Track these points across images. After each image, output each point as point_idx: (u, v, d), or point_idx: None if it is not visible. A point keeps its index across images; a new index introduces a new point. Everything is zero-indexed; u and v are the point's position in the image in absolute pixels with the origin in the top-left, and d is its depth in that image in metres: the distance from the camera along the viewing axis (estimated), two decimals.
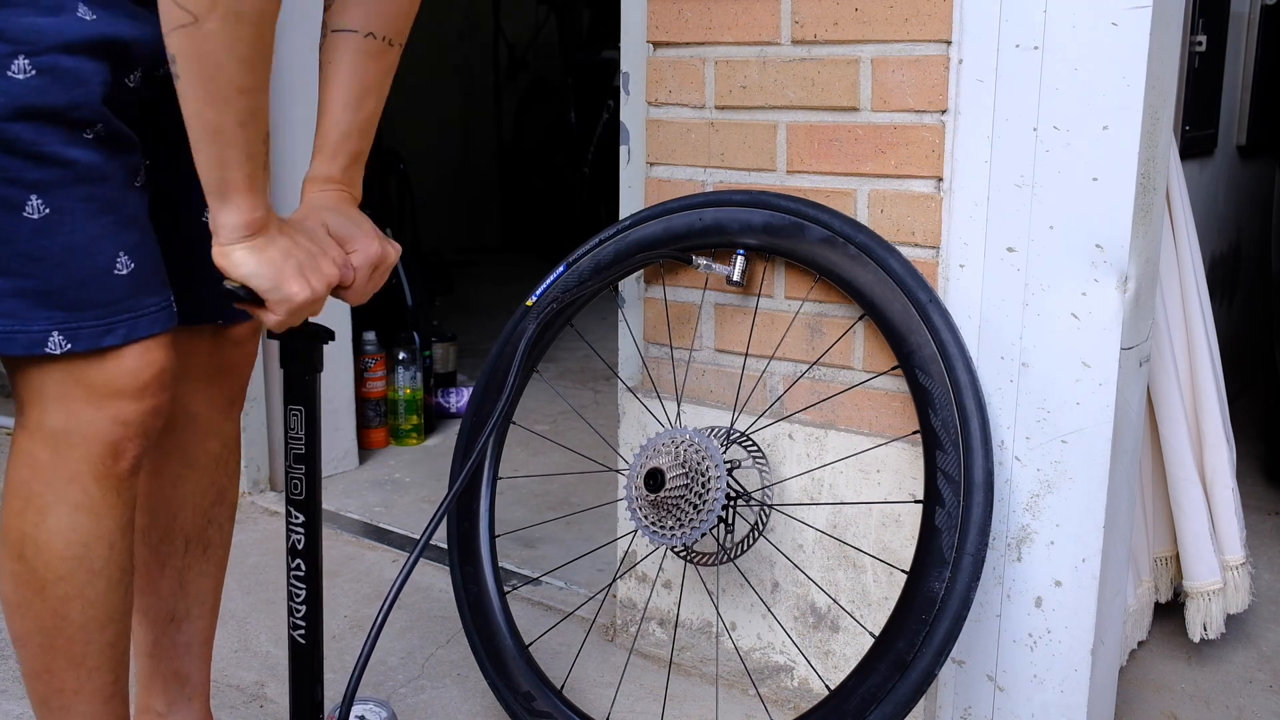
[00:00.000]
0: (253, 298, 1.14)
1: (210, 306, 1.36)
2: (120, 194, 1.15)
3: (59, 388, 1.16)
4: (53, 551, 1.19)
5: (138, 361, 1.18)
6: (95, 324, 1.14)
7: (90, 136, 1.12)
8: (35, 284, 1.11)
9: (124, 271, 1.15)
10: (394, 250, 1.28)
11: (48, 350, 1.12)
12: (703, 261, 1.72)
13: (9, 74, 1.07)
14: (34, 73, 1.07)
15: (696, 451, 1.57)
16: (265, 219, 1.13)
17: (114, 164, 1.14)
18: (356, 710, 1.59)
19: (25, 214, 1.09)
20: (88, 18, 1.10)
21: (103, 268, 1.14)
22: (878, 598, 1.69)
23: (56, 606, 1.20)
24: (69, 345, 1.13)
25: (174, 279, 1.25)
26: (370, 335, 2.94)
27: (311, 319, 1.32)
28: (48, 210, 1.10)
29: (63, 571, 1.19)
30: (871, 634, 1.62)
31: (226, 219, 1.11)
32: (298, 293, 1.14)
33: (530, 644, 1.76)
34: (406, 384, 3.03)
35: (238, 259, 1.12)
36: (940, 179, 1.59)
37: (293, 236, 1.16)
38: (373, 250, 1.25)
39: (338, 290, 1.23)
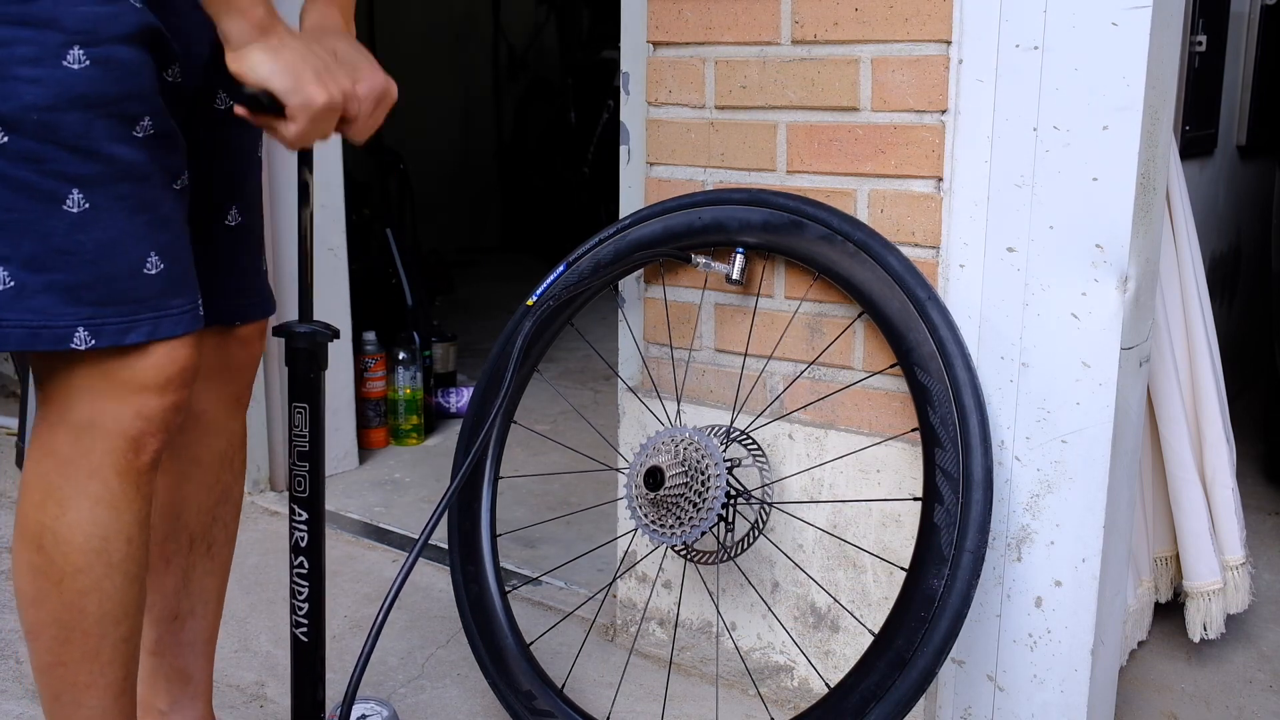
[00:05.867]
0: (272, 104, 1.13)
1: (226, 309, 1.37)
2: (159, 194, 1.16)
3: (83, 381, 1.17)
4: (72, 544, 1.19)
5: (163, 357, 1.18)
6: (119, 321, 1.14)
7: (139, 134, 1.12)
8: (65, 278, 1.11)
9: (153, 271, 1.16)
10: (394, 87, 1.26)
11: (73, 345, 1.13)
12: (702, 260, 1.72)
13: (64, 64, 1.07)
14: (88, 63, 1.08)
15: (696, 450, 1.57)
16: (269, 18, 1.12)
17: (156, 164, 1.15)
18: (357, 710, 1.59)
19: (65, 207, 1.10)
20: (138, 5, 1.11)
21: (133, 266, 1.14)
22: (878, 597, 1.69)
23: (74, 599, 1.20)
24: (93, 341, 1.13)
25: (199, 281, 1.25)
26: (370, 335, 2.94)
27: (316, 316, 1.32)
28: (87, 205, 1.11)
29: (81, 564, 1.19)
30: (872, 633, 1.62)
31: (232, 25, 1.11)
32: (317, 94, 1.13)
33: (530, 644, 1.77)
34: (406, 384, 3.03)
35: (255, 60, 1.12)
36: (940, 179, 1.59)
37: (306, 43, 1.16)
38: (378, 81, 1.24)
39: (341, 124, 1.21)
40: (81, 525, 1.19)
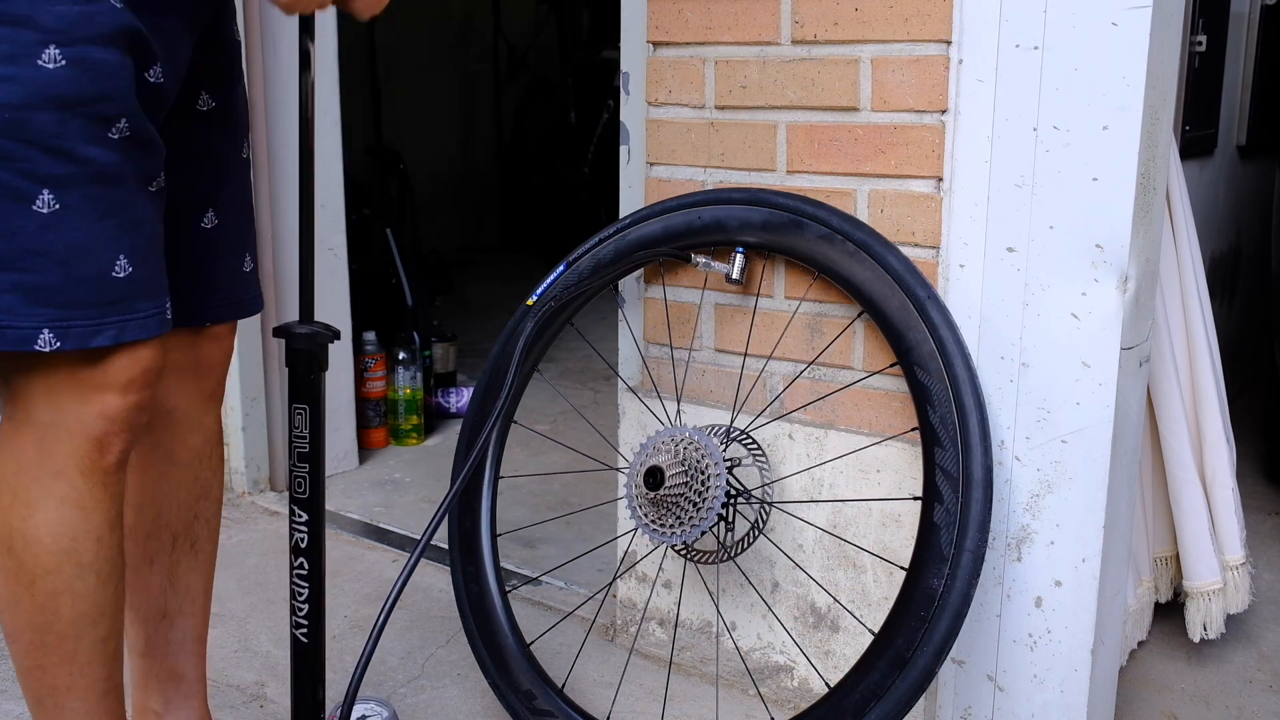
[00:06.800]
0: None
1: (196, 311, 1.36)
2: (131, 197, 1.15)
3: (46, 382, 1.16)
4: (41, 545, 1.19)
5: (126, 358, 1.18)
6: (85, 324, 1.14)
7: (114, 136, 1.12)
8: (32, 279, 1.11)
9: (121, 275, 1.15)
10: None
11: (37, 347, 1.12)
12: (702, 259, 1.72)
13: (38, 63, 1.06)
14: (64, 63, 1.07)
15: (696, 449, 1.57)
16: None
17: (130, 166, 1.14)
18: (358, 710, 1.59)
19: (35, 207, 1.09)
20: (117, 5, 1.10)
21: (101, 269, 1.14)
22: (878, 597, 1.69)
23: (45, 601, 1.20)
24: (58, 344, 1.13)
25: (172, 283, 1.25)
26: (370, 335, 2.94)
27: (316, 316, 1.31)
28: (58, 206, 1.10)
29: (51, 565, 1.19)
30: (872, 633, 1.62)
31: None
32: None
33: (530, 644, 1.77)
34: (406, 384, 3.03)
35: None
36: (940, 179, 1.59)
37: None
38: None
39: (345, 1, 1.22)
40: (49, 526, 1.19)
